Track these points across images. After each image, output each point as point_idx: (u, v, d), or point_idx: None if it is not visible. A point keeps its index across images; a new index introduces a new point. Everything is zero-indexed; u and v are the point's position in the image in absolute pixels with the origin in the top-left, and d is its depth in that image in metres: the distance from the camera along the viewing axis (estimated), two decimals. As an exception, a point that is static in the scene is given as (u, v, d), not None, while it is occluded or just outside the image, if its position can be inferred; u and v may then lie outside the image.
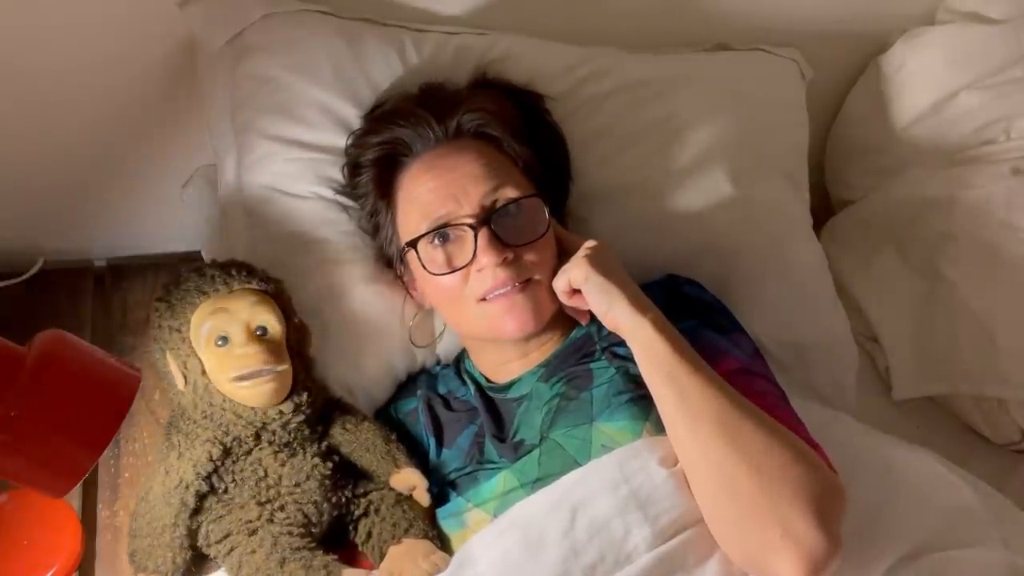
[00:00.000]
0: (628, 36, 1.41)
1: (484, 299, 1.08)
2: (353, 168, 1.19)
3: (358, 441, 1.11)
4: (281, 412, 1.05)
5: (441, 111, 1.12)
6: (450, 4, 1.36)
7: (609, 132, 1.30)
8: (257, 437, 1.05)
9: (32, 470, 0.89)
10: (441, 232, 1.08)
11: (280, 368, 1.04)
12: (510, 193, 1.08)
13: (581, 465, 1.01)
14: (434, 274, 1.09)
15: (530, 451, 1.07)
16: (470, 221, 1.06)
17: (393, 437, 1.13)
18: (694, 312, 1.14)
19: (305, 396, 1.07)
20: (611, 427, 1.04)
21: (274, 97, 1.22)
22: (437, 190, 1.08)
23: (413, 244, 1.10)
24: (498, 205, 1.07)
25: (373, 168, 1.15)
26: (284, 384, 1.05)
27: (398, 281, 1.20)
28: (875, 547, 0.97)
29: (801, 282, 1.35)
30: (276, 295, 1.08)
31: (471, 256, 1.06)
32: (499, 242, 1.06)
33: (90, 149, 1.37)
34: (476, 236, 1.06)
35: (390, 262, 1.18)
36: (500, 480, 1.08)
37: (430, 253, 1.09)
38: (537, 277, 1.08)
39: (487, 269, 1.06)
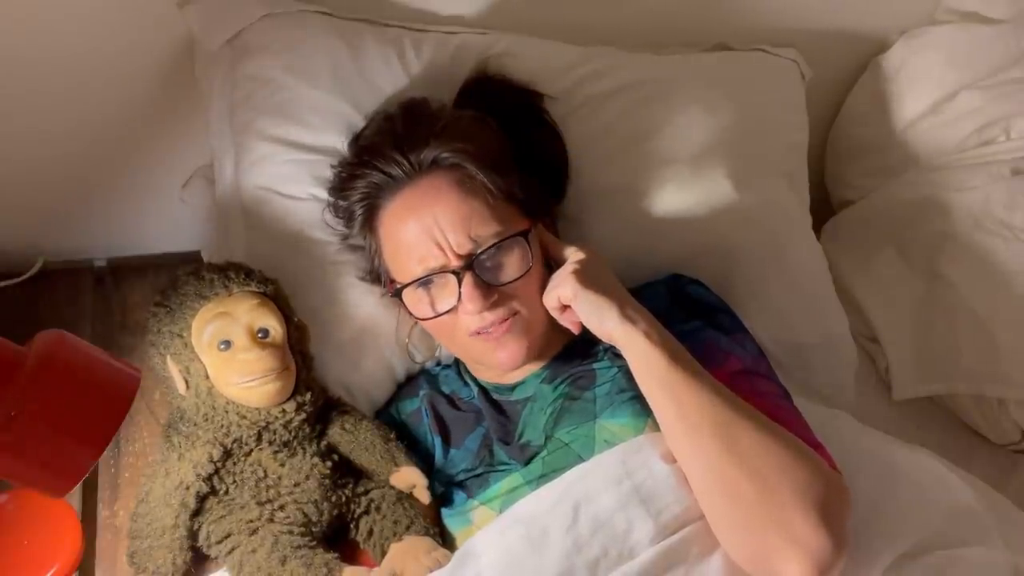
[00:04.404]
0: (628, 36, 1.41)
1: (476, 332, 1.08)
2: (336, 210, 1.18)
3: (357, 441, 1.11)
4: (284, 411, 1.05)
5: (415, 143, 1.09)
6: (450, 4, 1.36)
7: (609, 132, 1.30)
8: (259, 437, 1.05)
9: (32, 470, 0.89)
10: (424, 280, 1.08)
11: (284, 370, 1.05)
12: (491, 233, 1.07)
13: (585, 461, 1.01)
14: (421, 319, 1.10)
15: (537, 452, 1.08)
16: (453, 267, 1.06)
17: (392, 436, 1.13)
18: (698, 312, 1.14)
19: (309, 395, 1.08)
20: (614, 424, 1.04)
21: (273, 98, 1.22)
22: (418, 235, 1.07)
23: (398, 293, 1.11)
24: (479, 250, 1.06)
25: (355, 211, 1.14)
26: (288, 383, 1.06)
27: (387, 298, 1.19)
28: (875, 546, 0.97)
29: (801, 282, 1.35)
30: (275, 296, 1.08)
31: (456, 300, 1.06)
32: (483, 286, 1.06)
33: (90, 149, 1.37)
34: (460, 281, 1.05)
35: (378, 279, 1.18)
36: (507, 479, 1.08)
37: (416, 299, 1.10)
38: (524, 312, 1.08)
39: (473, 313, 1.06)
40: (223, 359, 1.03)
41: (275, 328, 1.06)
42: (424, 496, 1.09)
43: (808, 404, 1.12)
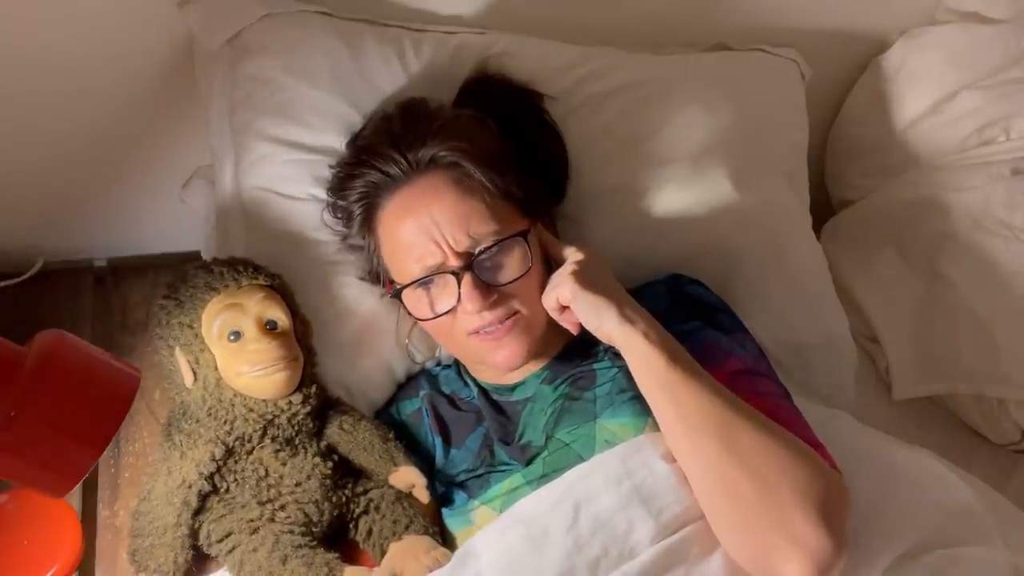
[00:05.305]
0: (628, 36, 1.41)
1: (474, 333, 1.08)
2: (334, 210, 1.18)
3: (356, 441, 1.11)
4: (291, 403, 1.06)
5: (412, 142, 1.09)
6: (449, 4, 1.36)
7: (608, 132, 1.30)
8: (263, 432, 1.06)
9: (32, 470, 0.89)
10: (424, 281, 1.08)
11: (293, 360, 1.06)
12: (490, 232, 1.06)
13: (585, 461, 1.01)
14: (420, 320, 1.11)
15: (538, 452, 1.08)
16: (452, 268, 1.06)
17: (391, 436, 1.13)
18: (698, 312, 1.14)
19: (313, 388, 1.09)
20: (614, 423, 1.05)
21: (273, 98, 1.22)
22: (416, 234, 1.07)
23: (397, 294, 1.11)
24: (478, 249, 1.06)
25: (353, 211, 1.14)
26: (296, 373, 1.07)
27: (386, 298, 1.19)
28: (875, 546, 0.97)
29: (801, 282, 1.35)
30: (280, 290, 1.09)
31: (456, 300, 1.06)
32: (483, 286, 1.06)
33: (90, 149, 1.37)
34: (459, 281, 1.06)
35: (378, 279, 1.18)
36: (508, 479, 1.08)
37: (415, 299, 1.10)
38: (524, 311, 1.08)
39: (472, 312, 1.06)
40: (232, 350, 1.04)
41: (283, 319, 1.07)
42: (423, 496, 1.09)
43: (808, 404, 1.12)
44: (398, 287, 1.11)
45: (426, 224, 1.06)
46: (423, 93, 1.20)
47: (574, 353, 1.14)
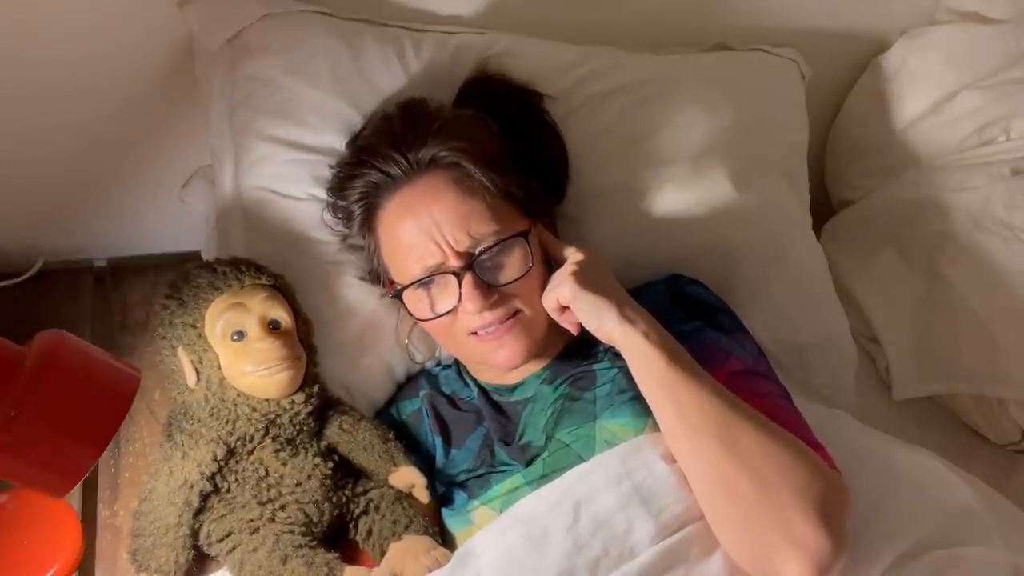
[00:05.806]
0: (628, 36, 1.41)
1: (475, 333, 1.08)
2: (335, 210, 1.18)
3: (355, 441, 1.11)
4: (293, 402, 1.06)
5: (413, 142, 1.09)
6: (449, 4, 1.36)
7: (609, 132, 1.30)
8: (265, 432, 1.06)
9: (32, 470, 0.89)
10: (424, 281, 1.08)
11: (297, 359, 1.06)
12: (490, 232, 1.07)
13: (585, 461, 1.01)
14: (421, 320, 1.11)
15: (538, 453, 1.08)
16: (453, 268, 1.06)
17: (391, 436, 1.13)
18: (698, 313, 1.14)
19: (316, 388, 1.09)
20: (614, 424, 1.05)
21: (272, 98, 1.22)
22: (416, 235, 1.07)
23: (398, 294, 1.11)
24: (479, 249, 1.06)
25: (354, 211, 1.14)
26: (299, 372, 1.07)
27: (387, 298, 1.19)
28: (875, 546, 0.97)
29: (801, 282, 1.35)
30: (283, 290, 1.10)
31: (456, 300, 1.06)
32: (483, 286, 1.06)
33: (90, 149, 1.37)
34: (460, 281, 1.06)
35: (378, 279, 1.18)
36: (508, 479, 1.08)
37: (416, 299, 1.10)
38: (525, 311, 1.08)
39: (473, 313, 1.06)
40: (235, 349, 1.04)
41: (285, 319, 1.07)
42: (423, 496, 1.09)
43: (808, 404, 1.12)
44: (398, 287, 1.11)
45: (426, 224, 1.07)
46: (423, 93, 1.20)
47: (574, 353, 1.14)
